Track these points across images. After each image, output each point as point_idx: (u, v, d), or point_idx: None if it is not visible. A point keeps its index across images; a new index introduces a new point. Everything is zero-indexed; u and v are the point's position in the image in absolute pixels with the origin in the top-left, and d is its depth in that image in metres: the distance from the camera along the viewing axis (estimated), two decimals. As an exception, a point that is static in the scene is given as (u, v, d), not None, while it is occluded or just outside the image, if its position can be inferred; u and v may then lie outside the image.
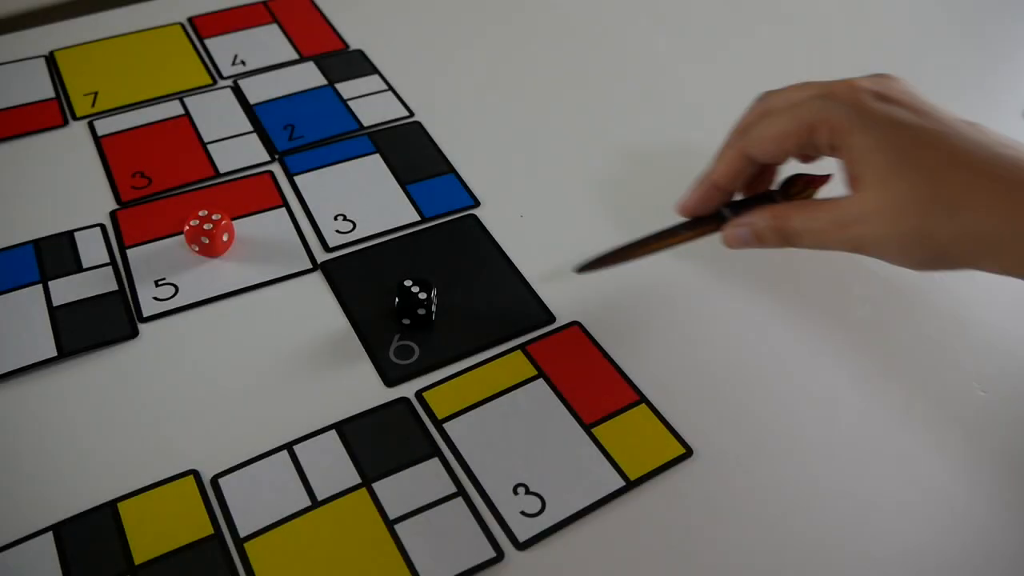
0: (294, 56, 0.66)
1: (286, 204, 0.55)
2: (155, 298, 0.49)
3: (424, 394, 0.45)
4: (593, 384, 0.45)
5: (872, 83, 0.42)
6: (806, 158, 0.46)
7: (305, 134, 0.59)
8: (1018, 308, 0.50)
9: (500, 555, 0.39)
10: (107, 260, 0.51)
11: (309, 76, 0.64)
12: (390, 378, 0.45)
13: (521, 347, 0.47)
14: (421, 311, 0.47)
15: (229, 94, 0.63)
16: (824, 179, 0.46)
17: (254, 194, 0.55)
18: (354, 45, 0.67)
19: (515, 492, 0.41)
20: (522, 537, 0.39)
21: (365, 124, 0.60)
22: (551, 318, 0.49)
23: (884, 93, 0.41)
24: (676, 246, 0.47)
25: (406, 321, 0.47)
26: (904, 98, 0.41)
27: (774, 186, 0.47)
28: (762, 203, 0.45)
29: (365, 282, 0.50)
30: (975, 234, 0.38)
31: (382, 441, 0.43)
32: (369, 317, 0.48)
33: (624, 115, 0.62)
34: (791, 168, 0.46)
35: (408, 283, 0.47)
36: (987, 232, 0.37)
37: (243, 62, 0.65)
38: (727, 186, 0.45)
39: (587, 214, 0.55)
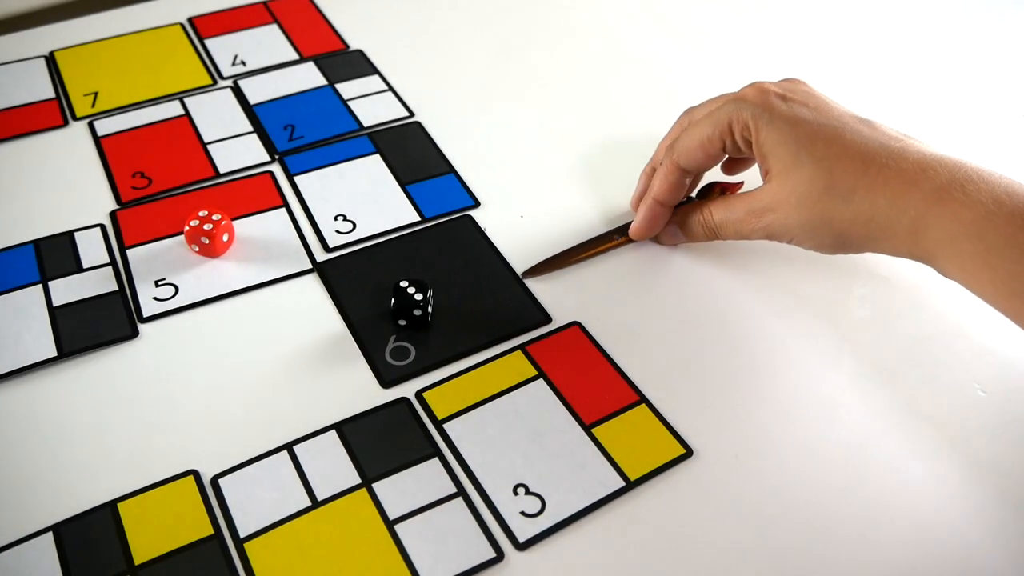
0: (294, 56, 0.66)
1: (286, 204, 0.55)
2: (155, 298, 0.49)
3: (424, 394, 0.45)
4: (593, 384, 0.45)
5: (778, 86, 0.47)
6: (733, 166, 0.53)
7: (305, 134, 0.59)
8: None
9: (500, 555, 0.39)
10: (107, 260, 0.51)
11: (309, 76, 0.64)
12: (386, 379, 0.45)
13: (521, 347, 0.47)
14: (417, 312, 0.47)
15: (229, 94, 0.63)
16: (737, 186, 0.53)
17: (254, 194, 0.55)
18: (354, 45, 0.67)
19: (515, 492, 0.41)
20: (522, 537, 0.39)
21: (365, 124, 0.60)
22: (548, 319, 0.49)
23: (787, 94, 0.46)
24: (611, 250, 0.52)
25: (402, 322, 0.47)
26: (805, 98, 0.45)
27: (692, 194, 0.53)
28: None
29: (363, 283, 0.50)
30: (867, 218, 0.42)
31: (382, 441, 0.43)
32: (366, 318, 0.48)
33: (625, 116, 0.62)
34: (710, 176, 0.52)
35: (403, 284, 0.47)
36: (877, 215, 0.42)
37: (243, 62, 0.65)
38: (670, 201, 0.50)
39: (587, 215, 0.55)
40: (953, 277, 0.42)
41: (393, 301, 0.47)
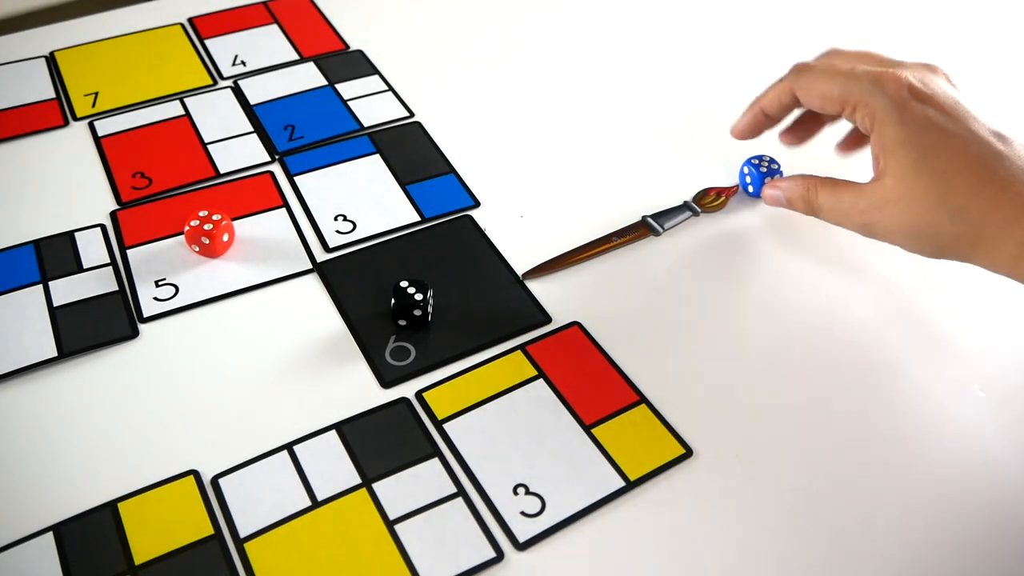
0: (294, 56, 0.66)
1: (286, 204, 0.55)
2: (155, 298, 0.49)
3: (424, 394, 0.45)
4: (593, 384, 0.45)
5: (918, 77, 0.45)
6: (848, 145, 0.53)
7: (305, 134, 0.59)
8: (1018, 308, 0.50)
9: (500, 555, 0.39)
10: (107, 260, 0.51)
11: (309, 76, 0.64)
12: (386, 379, 0.45)
13: (521, 347, 0.47)
14: (417, 312, 0.47)
15: (229, 94, 0.63)
16: (732, 189, 0.55)
17: (254, 194, 0.55)
18: (354, 45, 0.67)
19: (515, 492, 0.41)
20: (522, 537, 0.39)
21: (365, 124, 0.60)
22: (548, 319, 0.49)
23: (925, 91, 0.44)
24: (611, 251, 0.52)
25: (402, 322, 0.47)
26: (943, 99, 0.44)
27: (689, 198, 0.55)
28: (681, 212, 0.53)
29: (363, 283, 0.50)
30: (974, 237, 0.42)
31: (382, 441, 0.43)
32: (366, 318, 0.48)
33: (625, 116, 0.62)
34: (706, 181, 0.55)
35: (404, 284, 0.47)
36: (984, 236, 0.41)
37: (243, 62, 0.65)
38: (773, 114, 0.50)
39: (587, 215, 0.55)
40: None
41: (393, 301, 0.47)
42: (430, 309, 0.47)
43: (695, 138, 0.60)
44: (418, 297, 0.46)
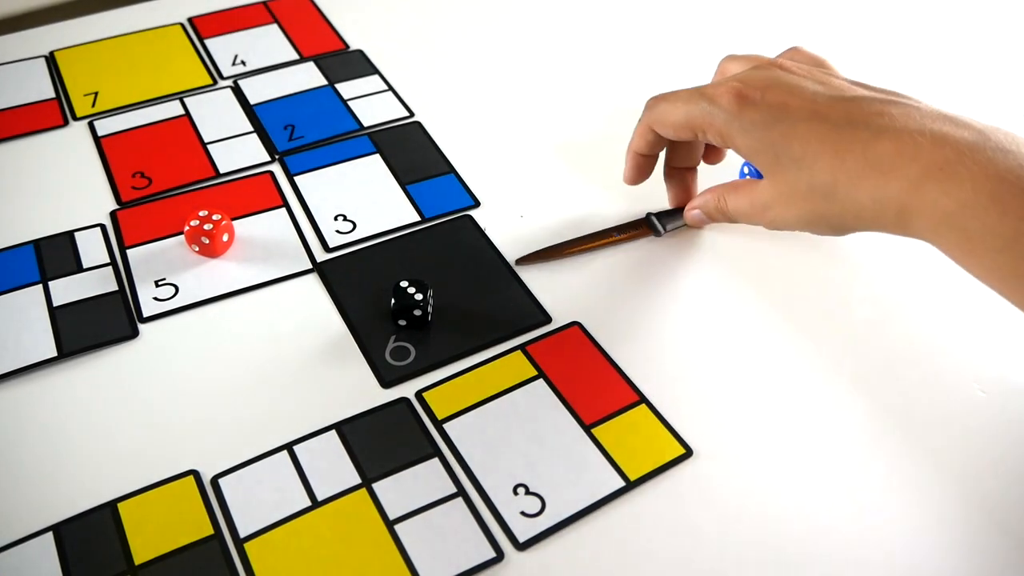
0: (294, 56, 0.66)
1: (286, 204, 0.55)
2: (155, 298, 0.49)
3: (424, 394, 0.45)
4: (593, 384, 0.45)
5: (753, 76, 0.45)
6: (711, 155, 0.54)
7: (305, 134, 0.59)
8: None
9: (500, 555, 0.39)
10: (107, 260, 0.51)
11: (309, 76, 0.64)
12: (386, 379, 0.45)
13: (521, 347, 0.47)
14: (417, 312, 0.47)
15: (229, 94, 0.63)
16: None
17: (254, 194, 0.55)
18: (354, 45, 0.67)
19: (515, 492, 0.41)
20: (522, 537, 0.39)
21: (365, 124, 0.60)
22: (548, 319, 0.49)
23: (753, 93, 0.44)
24: (608, 247, 0.52)
25: (402, 322, 0.47)
26: (776, 91, 0.44)
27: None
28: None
29: (363, 283, 0.50)
30: (855, 211, 0.42)
31: (382, 441, 0.43)
32: (366, 318, 0.48)
33: (626, 115, 0.62)
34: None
35: (404, 284, 0.47)
36: (863, 210, 0.41)
37: (243, 62, 0.65)
38: (648, 152, 0.51)
39: (588, 214, 0.55)
40: (950, 258, 0.41)
41: (393, 301, 0.47)
42: (430, 309, 0.47)
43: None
44: (418, 297, 0.46)
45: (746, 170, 0.55)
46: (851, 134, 0.41)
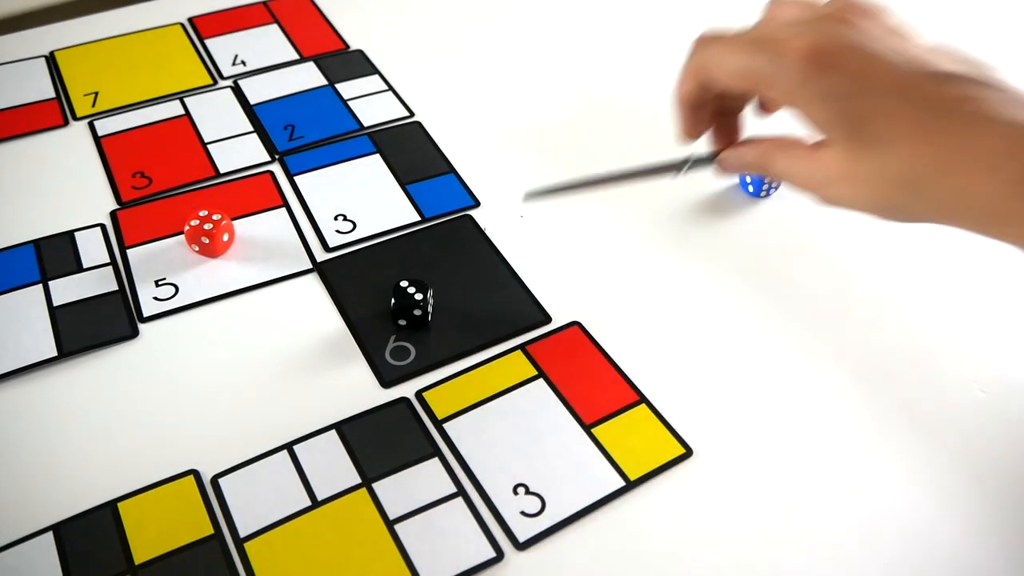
0: (294, 56, 0.66)
1: (286, 204, 0.55)
2: (155, 298, 0.49)
3: (424, 394, 0.45)
4: (593, 384, 0.45)
5: (825, 33, 0.39)
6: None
7: (305, 134, 0.59)
8: (1018, 308, 0.50)
9: (500, 555, 0.39)
10: (107, 260, 0.51)
11: (309, 76, 0.64)
12: (386, 379, 0.45)
13: (521, 347, 0.47)
14: (417, 312, 0.47)
15: (229, 94, 0.63)
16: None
17: (254, 194, 0.55)
18: (354, 45, 0.67)
19: (515, 492, 0.41)
20: (522, 537, 0.39)
21: (365, 124, 0.60)
22: (548, 319, 0.48)
23: (830, 55, 0.38)
24: (630, 183, 0.48)
25: (402, 322, 0.47)
26: (859, 55, 0.38)
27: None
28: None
29: (363, 283, 0.50)
30: (946, 209, 0.37)
31: (382, 441, 0.43)
32: (366, 318, 0.48)
33: (626, 115, 0.62)
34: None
35: (404, 284, 0.47)
36: (954, 209, 0.37)
37: (243, 62, 0.65)
38: (698, 99, 0.44)
39: (588, 214, 0.55)
40: None
41: (393, 301, 0.47)
42: (430, 309, 0.47)
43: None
44: (418, 297, 0.46)
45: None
46: (944, 120, 0.36)
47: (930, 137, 0.36)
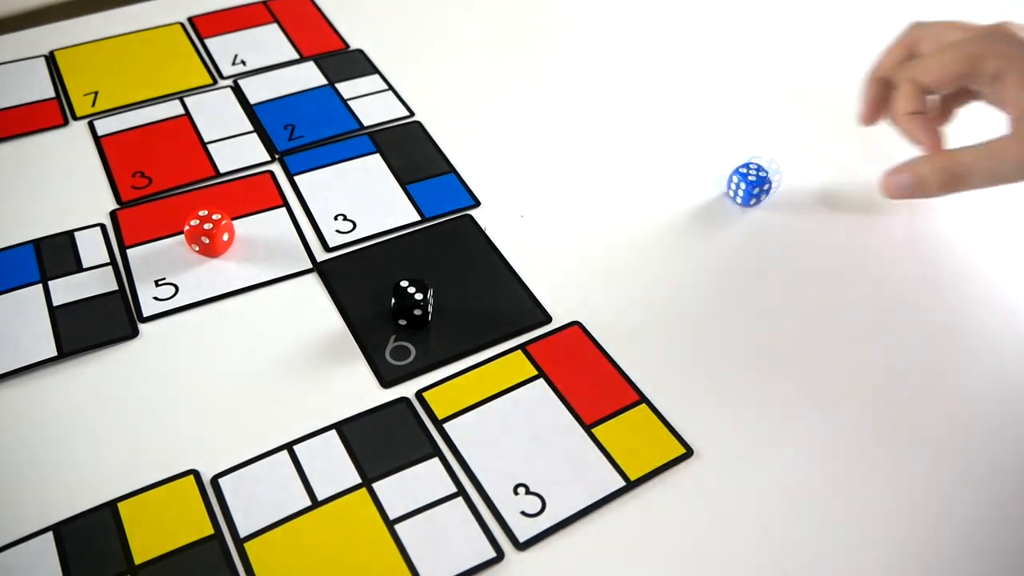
0: (294, 56, 0.66)
1: (286, 204, 0.55)
2: (155, 298, 0.49)
3: (424, 394, 0.45)
4: (593, 384, 0.45)
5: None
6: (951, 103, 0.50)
7: (305, 134, 0.59)
8: (1018, 308, 0.50)
9: (500, 555, 0.39)
10: (107, 260, 0.51)
11: (309, 76, 0.64)
12: (386, 379, 0.45)
13: (521, 347, 0.47)
14: (417, 312, 0.47)
15: (229, 94, 0.63)
16: None
17: (254, 194, 0.55)
18: (354, 45, 0.67)
19: (515, 492, 0.41)
20: (522, 537, 0.39)
21: (365, 124, 0.60)
22: (548, 319, 0.48)
23: None
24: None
25: (402, 322, 0.47)
26: None
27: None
28: None
29: (363, 282, 0.50)
30: None
31: (382, 441, 0.43)
32: (366, 318, 0.48)
33: (626, 115, 0.62)
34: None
35: (404, 283, 0.47)
36: None
37: (243, 62, 0.65)
38: (889, 75, 0.49)
39: (587, 214, 0.55)
40: None
41: (393, 301, 0.47)
42: (430, 309, 0.47)
43: (697, 138, 0.60)
44: (418, 297, 0.46)
45: (735, 179, 0.54)
46: None
47: None
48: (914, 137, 0.49)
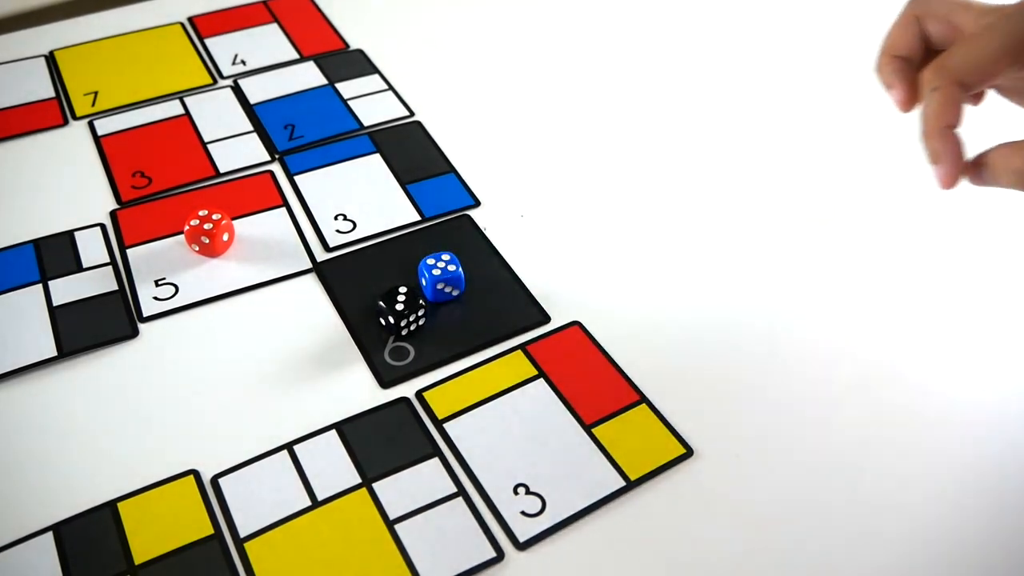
0: (294, 56, 0.66)
1: (286, 204, 0.55)
2: (155, 298, 0.49)
3: (424, 394, 0.45)
4: (593, 384, 0.45)
5: None
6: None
7: (305, 134, 0.59)
8: (1018, 308, 0.50)
9: (500, 555, 0.39)
10: (107, 260, 0.51)
11: (309, 76, 0.64)
12: (386, 379, 0.45)
13: (521, 347, 0.47)
14: (390, 319, 0.46)
15: (229, 94, 0.63)
16: None
17: (254, 194, 0.55)
18: (354, 45, 0.67)
19: (515, 492, 0.41)
20: (522, 537, 0.39)
21: (365, 124, 0.60)
22: (547, 319, 0.48)
23: None
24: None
25: (382, 320, 0.47)
26: None
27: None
28: None
29: (363, 282, 0.50)
30: None
31: (382, 441, 0.43)
32: (366, 317, 0.48)
33: (626, 114, 0.62)
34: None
35: (402, 290, 0.46)
36: None
37: (243, 62, 0.65)
38: (907, 52, 0.41)
39: (587, 214, 0.55)
40: None
41: (380, 302, 0.46)
42: (412, 329, 0.47)
43: (696, 138, 0.60)
44: (399, 308, 0.46)
45: (427, 274, 0.48)
46: None
47: None
48: (950, 159, 0.38)
